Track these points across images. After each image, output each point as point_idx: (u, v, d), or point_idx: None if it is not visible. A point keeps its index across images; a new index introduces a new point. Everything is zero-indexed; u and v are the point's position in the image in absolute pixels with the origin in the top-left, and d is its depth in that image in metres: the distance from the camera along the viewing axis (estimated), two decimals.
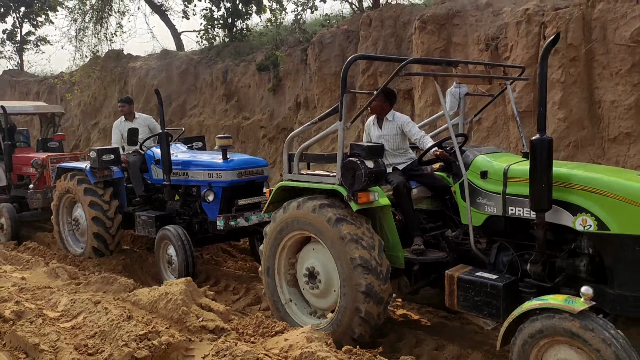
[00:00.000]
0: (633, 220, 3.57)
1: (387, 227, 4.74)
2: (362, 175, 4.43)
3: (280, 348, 3.87)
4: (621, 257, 3.65)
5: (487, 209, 4.34)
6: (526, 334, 3.44)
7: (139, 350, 3.60)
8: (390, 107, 5.41)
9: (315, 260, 4.87)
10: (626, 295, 3.62)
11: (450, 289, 4.26)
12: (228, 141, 7.11)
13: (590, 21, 7.23)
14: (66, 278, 5.99)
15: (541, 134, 3.67)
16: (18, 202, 10.08)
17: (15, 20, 25.57)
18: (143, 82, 15.95)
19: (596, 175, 3.88)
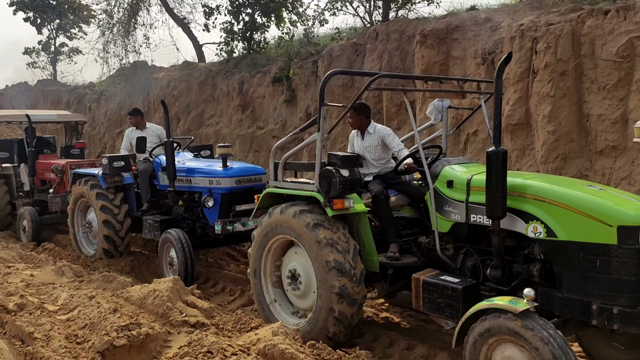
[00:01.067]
0: (577, 228, 3.78)
1: (364, 233, 5.00)
2: (337, 183, 4.70)
3: (249, 341, 4.21)
4: (567, 263, 3.86)
5: (453, 216, 4.58)
6: (477, 333, 3.65)
7: (118, 339, 3.99)
8: (367, 120, 5.66)
9: (296, 263, 5.16)
10: (573, 299, 3.83)
11: (416, 291, 4.51)
12: (228, 150, 7.55)
13: (579, 37, 7.42)
14: (71, 276, 6.46)
15: (496, 146, 3.91)
16: (40, 205, 10.63)
17: (50, 32, 26.82)
18: (164, 92, 16.58)
19: (546, 186, 4.11)
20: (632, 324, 3.55)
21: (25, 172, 10.96)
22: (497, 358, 3.62)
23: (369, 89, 4.75)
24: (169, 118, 7.81)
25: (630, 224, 3.58)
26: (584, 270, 3.76)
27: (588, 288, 3.75)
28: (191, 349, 3.93)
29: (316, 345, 4.26)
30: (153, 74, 17.97)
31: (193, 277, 7.07)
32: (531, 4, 9.34)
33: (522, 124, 7.98)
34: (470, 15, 9.50)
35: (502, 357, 3.59)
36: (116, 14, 17.78)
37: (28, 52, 27.24)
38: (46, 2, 25.84)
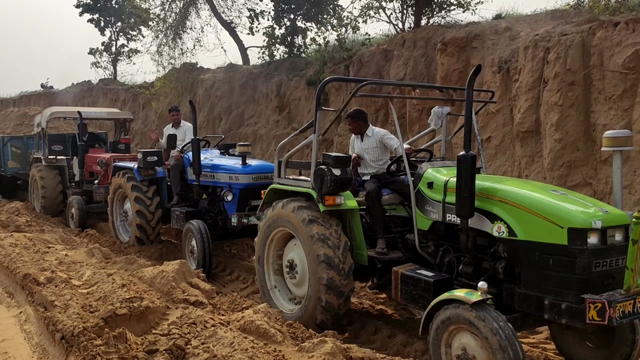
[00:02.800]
0: (534, 228, 4.04)
1: (355, 228, 5.39)
2: (329, 180, 5.11)
3: (234, 318, 4.76)
4: (525, 261, 4.13)
5: (432, 215, 4.89)
6: (439, 321, 3.96)
7: (120, 309, 4.62)
8: (365, 124, 6.04)
9: (294, 254, 5.58)
10: (529, 295, 4.09)
11: (395, 283, 4.88)
12: (247, 148, 8.22)
13: (589, 48, 7.56)
14: (100, 257, 7.23)
15: (466, 151, 4.20)
16: (87, 195, 11.51)
17: (112, 34, 28.48)
18: (209, 93, 17.49)
19: (510, 189, 4.40)
20: (578, 319, 3.79)
21: (76, 165, 11.92)
22: (455, 344, 3.94)
23: (356, 95, 5.18)
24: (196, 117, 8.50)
25: (579, 226, 3.83)
26: (538, 267, 4.03)
27: (542, 284, 4.02)
28: (180, 320, 4.51)
29: (293, 325, 4.75)
30: (200, 75, 18.94)
31: (211, 264, 7.67)
32: (553, 14, 9.48)
33: (532, 132, 8.17)
34: (491, 24, 9.72)
35: (460, 343, 3.90)
36: (169, 18, 18.83)
37: (92, 52, 28.98)
38: (109, 5, 27.51)
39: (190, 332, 4.29)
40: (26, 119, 16.96)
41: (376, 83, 6.62)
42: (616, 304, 3.62)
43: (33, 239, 8.13)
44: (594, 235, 3.83)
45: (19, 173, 14.81)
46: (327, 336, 4.37)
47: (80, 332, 4.24)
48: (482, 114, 9.12)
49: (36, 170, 12.51)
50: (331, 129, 12.14)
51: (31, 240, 7.98)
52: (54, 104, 23.73)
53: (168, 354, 3.94)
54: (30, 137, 14.78)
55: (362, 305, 6.56)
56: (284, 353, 3.99)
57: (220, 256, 8.78)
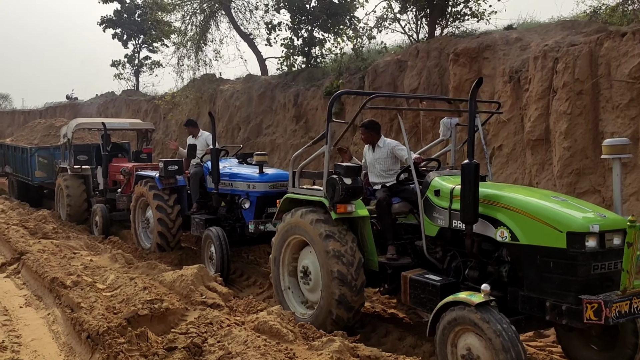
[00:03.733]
0: (535, 233, 4.22)
1: (366, 235, 5.60)
2: (340, 189, 5.31)
3: (249, 319, 5.01)
4: (527, 264, 4.30)
5: (439, 221, 5.06)
6: (445, 322, 4.14)
7: (142, 310, 4.92)
8: (378, 135, 6.20)
9: (309, 262, 5.77)
10: (532, 297, 4.26)
11: (404, 287, 5.09)
12: (264, 157, 8.49)
13: (597, 58, 7.70)
14: (123, 262, 7.57)
15: (470, 159, 4.38)
16: (111, 203, 11.90)
17: (134, 47, 29.22)
18: (228, 103, 17.90)
19: (512, 195, 4.59)
20: (577, 320, 3.95)
21: (100, 174, 12.32)
22: (460, 345, 4.12)
23: (365, 108, 5.40)
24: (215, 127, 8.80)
25: (577, 230, 4.01)
26: (540, 270, 4.20)
27: (543, 287, 4.18)
28: (197, 321, 4.79)
29: (305, 326, 4.99)
30: (219, 85, 19.38)
31: (229, 270, 7.90)
32: (563, 25, 9.62)
33: (542, 140, 8.32)
34: (502, 35, 9.90)
35: (465, 344, 4.08)
36: (189, 31, 19.34)
37: (115, 64, 29.74)
38: (132, 20, 28.26)
39: (207, 331, 4.56)
40: (53, 130, 17.46)
41: (384, 96, 6.85)
42: (612, 304, 3.77)
43: (59, 245, 8.52)
44: (592, 238, 3.99)
45: (45, 182, 15.26)
46: (336, 335, 4.60)
47: (105, 332, 4.55)
48: (494, 122, 9.30)
49: (62, 180, 12.93)
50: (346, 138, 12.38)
51: (58, 246, 8.36)
52: (78, 115, 24.43)
53: (186, 351, 4.21)
54: (56, 148, 15.25)
55: (374, 309, 6.76)
56: (295, 351, 4.23)
57: (237, 262, 9.06)
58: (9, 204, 14.74)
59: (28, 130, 18.65)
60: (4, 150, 17.62)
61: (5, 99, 50.43)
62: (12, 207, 13.81)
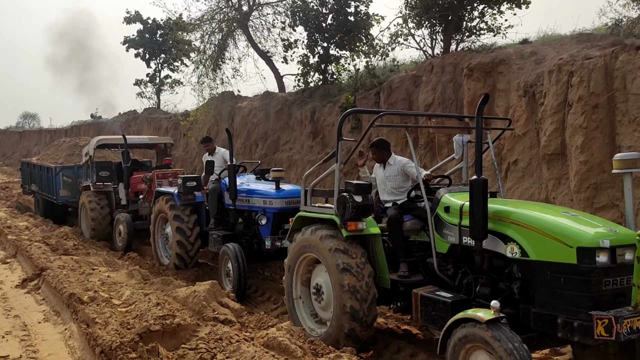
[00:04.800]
0: (545, 249, 4.19)
1: (378, 253, 5.60)
2: (351, 207, 5.32)
3: (259, 335, 5.05)
4: (538, 280, 4.27)
5: (449, 238, 5.05)
6: (456, 339, 4.12)
7: (154, 325, 4.99)
8: (388, 153, 6.27)
9: (322, 280, 5.75)
10: (544, 314, 4.21)
11: (415, 305, 5.06)
12: (280, 173, 8.53)
13: (612, 71, 7.63)
14: (139, 278, 7.68)
15: (478, 175, 4.39)
16: (133, 214, 12.06)
17: (156, 66, 29.82)
18: (245, 120, 18.11)
19: (522, 211, 4.57)
20: (588, 337, 3.89)
21: (122, 189, 12.51)
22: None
23: (374, 126, 5.48)
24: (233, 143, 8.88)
25: (588, 245, 3.97)
26: (551, 287, 4.17)
27: (555, 303, 4.13)
28: (207, 336, 4.84)
29: (314, 342, 5.00)
30: (238, 103, 19.63)
31: (246, 286, 7.93)
32: (579, 38, 9.56)
33: (558, 154, 8.24)
34: (517, 49, 9.87)
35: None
36: (208, 49, 19.67)
37: (137, 83, 30.36)
38: (154, 39, 28.89)
39: (216, 347, 4.61)
40: (77, 149, 17.79)
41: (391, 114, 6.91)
42: (623, 320, 3.72)
43: (79, 261, 8.68)
44: (603, 254, 3.95)
45: (69, 201, 15.51)
46: (344, 352, 4.60)
47: (118, 347, 4.63)
48: (509, 137, 9.24)
49: (85, 198, 13.13)
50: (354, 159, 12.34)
51: (77, 262, 8.53)
52: (102, 133, 24.95)
53: None
54: (79, 167, 15.55)
55: (388, 325, 6.75)
56: None
57: (253, 278, 9.09)
58: (34, 221, 15.05)
59: (54, 149, 19.09)
60: (30, 169, 17.99)
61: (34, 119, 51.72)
62: (36, 225, 14.09)
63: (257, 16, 19.99)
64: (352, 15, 16.63)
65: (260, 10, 19.90)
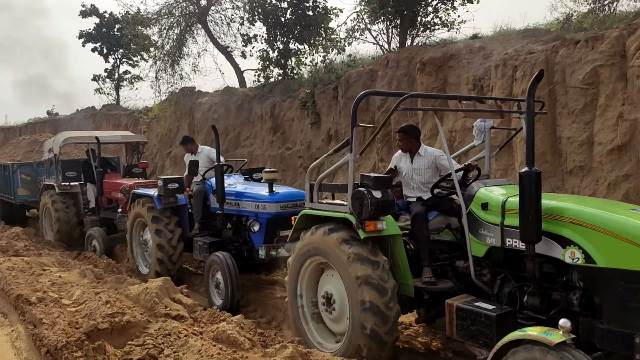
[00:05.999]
0: (618, 254, 3.53)
1: (398, 256, 4.84)
2: (369, 204, 4.59)
3: (210, 330, 5.09)
4: (608, 292, 3.60)
5: (488, 240, 4.35)
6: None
7: (102, 324, 4.98)
8: (417, 143, 5.55)
9: (333, 287, 5.04)
10: (614, 331, 3.56)
11: (450, 318, 4.31)
12: (274, 175, 7.52)
13: (553, 65, 7.93)
14: (92, 278, 7.58)
15: (530, 167, 3.74)
16: (107, 223, 10.98)
17: (115, 61, 29.27)
18: (206, 116, 18.01)
19: (584, 209, 3.88)
20: None
21: (92, 191, 11.47)
22: None
23: (399, 109, 4.59)
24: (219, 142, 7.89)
25: None
26: (625, 300, 3.51)
27: (630, 320, 3.50)
28: (156, 332, 4.87)
29: (264, 334, 5.08)
30: (198, 98, 19.49)
31: (239, 300, 7.07)
32: (525, 33, 9.88)
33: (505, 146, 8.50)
34: (467, 44, 10.14)
35: None
36: (166, 44, 19.45)
37: (95, 79, 29.75)
38: (111, 34, 28.33)
39: (164, 342, 4.64)
40: (36, 146, 16.77)
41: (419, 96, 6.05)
42: None
43: (30, 262, 8.51)
44: None
45: (28, 201, 14.46)
46: (291, 342, 4.69)
47: (63, 346, 4.60)
48: (460, 130, 9.50)
49: (48, 198, 12.10)
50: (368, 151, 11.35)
51: (28, 263, 8.36)
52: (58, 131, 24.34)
53: None
54: (40, 164, 14.40)
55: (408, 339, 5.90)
56: (249, 358, 4.33)
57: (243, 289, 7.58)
58: None
59: (12, 147, 18.29)
60: None
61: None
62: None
63: (215, 11, 19.89)
64: (311, 9, 16.72)
65: (219, 4, 19.80)
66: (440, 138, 4.66)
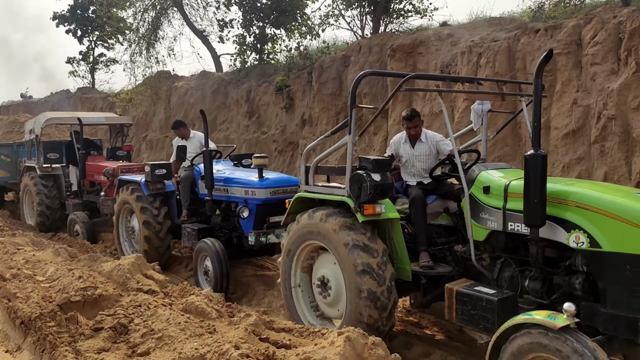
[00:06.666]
0: (624, 239, 3.52)
1: (396, 240, 4.80)
2: (368, 187, 4.52)
3: (180, 302, 5.34)
4: (612, 276, 3.60)
5: (489, 224, 4.33)
6: (515, 347, 3.43)
7: (74, 297, 5.20)
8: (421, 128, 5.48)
9: (329, 272, 5.01)
10: (619, 316, 3.56)
11: (449, 302, 4.30)
12: (264, 160, 7.40)
13: (515, 53, 8.27)
14: (66, 256, 7.76)
15: (535, 150, 3.70)
16: (89, 207, 10.89)
17: (90, 43, 28.93)
18: (182, 100, 18.06)
19: (590, 192, 3.86)
20: None
21: (74, 173, 11.25)
22: None
23: (402, 89, 4.48)
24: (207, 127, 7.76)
25: None
26: (630, 284, 3.51)
27: (634, 304, 3.50)
28: (127, 304, 5.10)
29: (231, 306, 5.34)
30: (174, 82, 19.50)
31: (228, 286, 7.06)
32: (491, 21, 10.19)
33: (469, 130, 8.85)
34: (435, 31, 10.42)
35: None
36: (141, 27, 19.37)
37: (70, 61, 29.38)
38: (86, 16, 27.96)
39: (134, 312, 4.87)
40: (16, 126, 16.42)
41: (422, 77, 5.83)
42: None
43: (4, 242, 8.63)
44: None
45: (8, 182, 14.10)
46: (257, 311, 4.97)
47: (37, 317, 4.82)
48: (427, 114, 9.81)
49: (29, 180, 11.82)
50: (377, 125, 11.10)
51: (2, 243, 8.48)
52: (33, 113, 24.07)
53: (112, 331, 4.53)
54: (20, 145, 13.85)
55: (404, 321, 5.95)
56: (216, 326, 4.58)
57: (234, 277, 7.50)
58: None
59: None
60: None
61: None
62: None
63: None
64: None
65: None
66: (445, 120, 4.69)
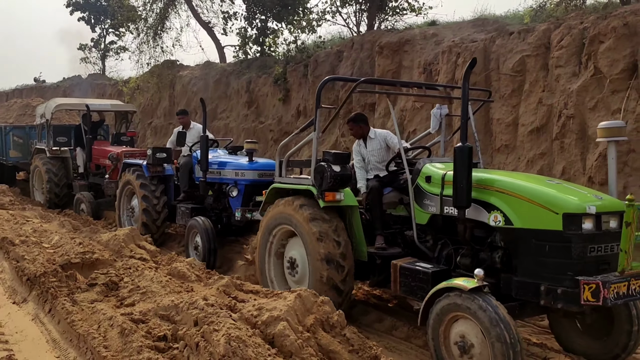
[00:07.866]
0: (530, 216, 4.10)
1: (355, 225, 5.44)
2: (329, 177, 5.15)
3: (166, 268, 6.06)
4: (522, 249, 4.20)
5: (430, 208, 4.92)
6: (438, 309, 4.01)
7: (74, 259, 5.94)
8: (367, 127, 6.03)
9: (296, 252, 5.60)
10: (526, 282, 4.14)
11: (394, 276, 4.93)
12: (254, 145, 8.36)
13: (490, 53, 8.88)
14: (70, 228, 8.53)
15: (463, 142, 4.25)
16: (95, 188, 11.61)
17: (101, 31, 29.69)
18: (186, 89, 18.77)
19: (508, 179, 4.48)
20: (573, 303, 3.89)
21: (81, 156, 12.04)
22: (454, 332, 4.01)
23: (355, 91, 5.21)
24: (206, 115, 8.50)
25: (574, 211, 3.92)
26: (535, 254, 4.10)
27: (538, 271, 4.07)
28: (120, 267, 5.82)
29: (210, 272, 6.05)
30: (179, 71, 20.19)
31: (215, 261, 7.64)
32: (475, 22, 10.78)
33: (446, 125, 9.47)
34: (422, 30, 11.03)
35: (458, 331, 3.97)
36: (149, 18, 20.07)
37: (82, 48, 30.18)
38: (99, 3, 28.71)
39: (124, 273, 5.60)
40: (29, 110, 17.10)
41: (374, 82, 6.59)
42: (610, 285, 3.70)
43: (15, 214, 9.41)
44: (589, 220, 3.94)
45: (20, 162, 14.83)
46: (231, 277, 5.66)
47: (41, 274, 5.56)
48: (410, 109, 10.44)
49: (39, 161, 12.48)
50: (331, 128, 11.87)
51: (13, 215, 9.26)
52: (45, 97, 24.86)
53: (104, 286, 5.27)
54: (32, 127, 14.67)
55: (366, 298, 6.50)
56: (193, 287, 5.30)
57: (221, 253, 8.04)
58: None
59: (4, 110, 18.69)
60: None
61: None
62: None
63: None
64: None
65: None
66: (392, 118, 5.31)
